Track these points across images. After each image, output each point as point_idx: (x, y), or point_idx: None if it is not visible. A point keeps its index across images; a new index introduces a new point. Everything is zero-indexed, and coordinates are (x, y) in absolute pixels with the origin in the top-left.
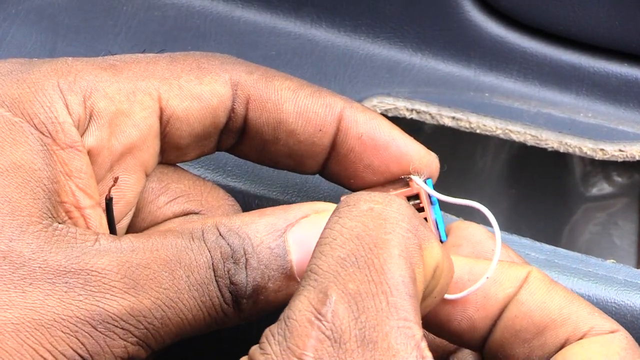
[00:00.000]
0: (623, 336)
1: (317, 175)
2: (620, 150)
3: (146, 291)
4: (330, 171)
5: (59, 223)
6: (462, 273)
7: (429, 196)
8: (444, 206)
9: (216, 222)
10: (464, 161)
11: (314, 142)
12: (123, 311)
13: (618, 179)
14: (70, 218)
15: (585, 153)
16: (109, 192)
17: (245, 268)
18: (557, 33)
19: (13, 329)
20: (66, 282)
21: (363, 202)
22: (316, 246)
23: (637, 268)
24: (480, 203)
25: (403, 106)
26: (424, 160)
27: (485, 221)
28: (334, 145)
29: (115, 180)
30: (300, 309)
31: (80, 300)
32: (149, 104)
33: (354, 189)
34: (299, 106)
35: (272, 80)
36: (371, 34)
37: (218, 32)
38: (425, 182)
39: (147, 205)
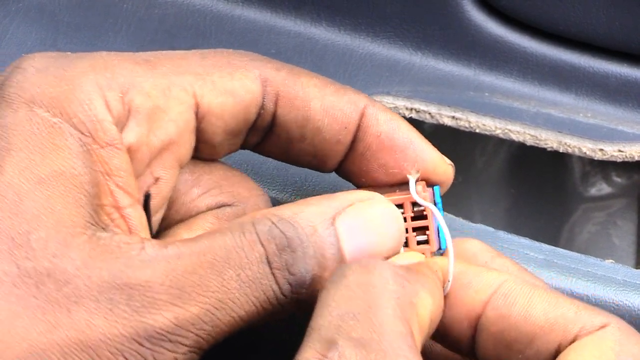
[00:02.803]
0: (615, 328)
1: (316, 174)
2: (620, 151)
3: (193, 298)
4: (344, 168)
5: (102, 229)
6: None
7: (435, 203)
8: (445, 205)
9: (265, 213)
10: (463, 161)
11: (339, 140)
12: (169, 324)
13: (617, 179)
14: (111, 220)
15: (585, 153)
16: (148, 189)
17: (304, 257)
18: (556, 33)
19: (60, 352)
20: (110, 299)
21: (347, 274)
22: (314, 311)
23: (636, 268)
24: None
25: (403, 105)
26: (438, 168)
27: (485, 221)
28: (352, 141)
29: (157, 180)
30: (306, 357)
31: (125, 318)
32: (185, 99)
33: (364, 187)
34: (325, 104)
35: (299, 77)
36: (371, 33)
37: (218, 30)
38: (433, 189)
39: (180, 197)
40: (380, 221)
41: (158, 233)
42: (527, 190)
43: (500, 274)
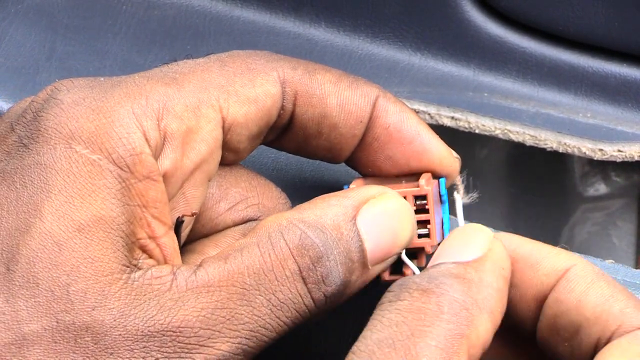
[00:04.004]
0: None
1: (313, 168)
2: (619, 151)
3: (224, 335)
4: (352, 158)
5: (135, 267)
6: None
7: (440, 196)
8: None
9: (290, 219)
10: (462, 161)
11: (355, 134)
12: None
13: (617, 179)
14: (144, 252)
15: (584, 153)
16: (182, 216)
17: (337, 266)
18: (556, 33)
19: None
20: (144, 347)
21: (403, 297)
22: (361, 333)
23: (636, 268)
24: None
25: None
26: (444, 161)
27: (484, 221)
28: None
29: (194, 214)
30: None
31: None
32: (213, 117)
33: (370, 177)
34: (340, 99)
35: (314, 73)
36: (370, 34)
37: (217, 31)
38: (439, 181)
39: (207, 212)
40: (395, 216)
41: (183, 247)
42: (526, 191)
43: (571, 257)
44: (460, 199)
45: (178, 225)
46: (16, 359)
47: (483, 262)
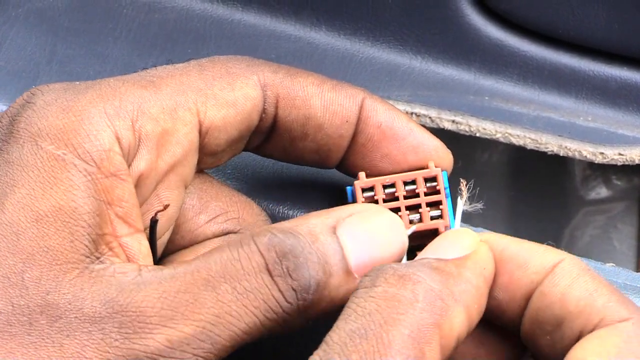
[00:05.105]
0: (632, 324)
1: (304, 178)
2: (620, 154)
3: (187, 317)
4: (347, 162)
5: (97, 260)
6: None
7: (444, 187)
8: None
9: (265, 228)
10: (463, 164)
11: (341, 134)
12: (161, 347)
13: (617, 183)
14: (110, 249)
15: (585, 156)
16: (156, 215)
17: (307, 262)
18: (556, 36)
19: None
20: (102, 329)
21: (379, 283)
22: (336, 321)
23: (637, 271)
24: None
25: (403, 110)
26: (440, 153)
27: (485, 224)
28: (353, 135)
29: (165, 207)
30: None
31: (117, 346)
32: (190, 120)
33: (368, 177)
34: (325, 100)
35: (296, 77)
36: (371, 38)
37: (218, 35)
38: (442, 174)
39: (186, 223)
40: (383, 229)
41: (163, 258)
42: (527, 194)
43: (558, 253)
44: (462, 205)
45: (153, 226)
46: None
47: (464, 260)
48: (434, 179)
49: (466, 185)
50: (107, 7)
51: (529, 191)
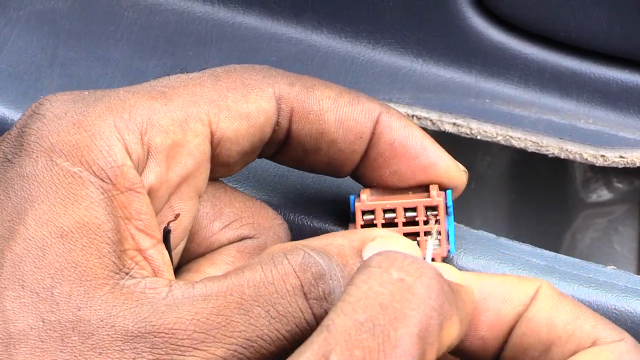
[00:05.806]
0: (622, 345)
1: (316, 182)
2: (621, 157)
3: (218, 340)
4: (357, 172)
5: (127, 275)
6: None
7: (446, 207)
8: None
9: (295, 244)
10: (464, 167)
11: (354, 149)
12: None
13: (619, 185)
14: (136, 263)
15: (586, 159)
16: (168, 225)
17: (342, 286)
18: (557, 39)
19: None
20: (134, 348)
21: (395, 270)
22: (339, 300)
23: (638, 274)
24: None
25: (404, 112)
26: (452, 173)
27: (486, 227)
28: (366, 149)
29: (177, 216)
30: None
31: None
32: (201, 131)
33: (377, 188)
34: (339, 115)
35: (312, 90)
36: (372, 40)
37: (219, 37)
38: (446, 193)
39: (201, 231)
40: None
41: (179, 267)
42: (528, 197)
43: (535, 281)
44: (432, 244)
45: (166, 236)
46: (3, 357)
47: (459, 285)
48: (434, 207)
49: (436, 222)
50: (108, 10)
51: (529, 194)
